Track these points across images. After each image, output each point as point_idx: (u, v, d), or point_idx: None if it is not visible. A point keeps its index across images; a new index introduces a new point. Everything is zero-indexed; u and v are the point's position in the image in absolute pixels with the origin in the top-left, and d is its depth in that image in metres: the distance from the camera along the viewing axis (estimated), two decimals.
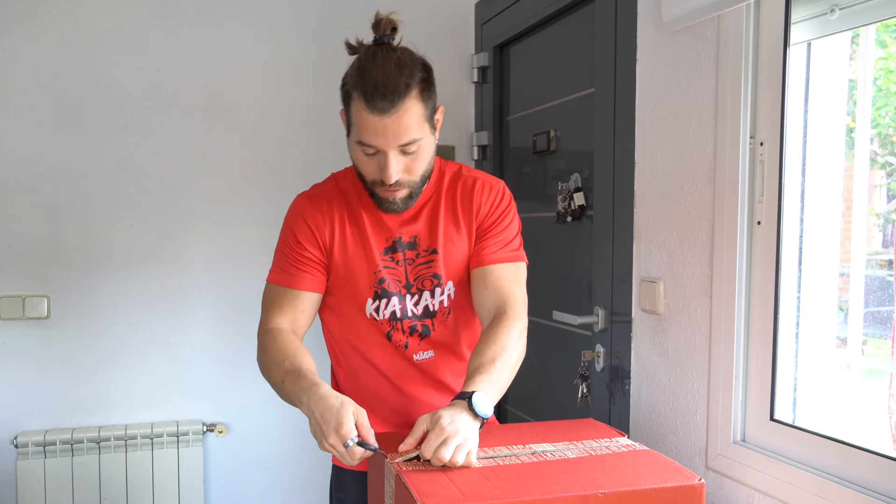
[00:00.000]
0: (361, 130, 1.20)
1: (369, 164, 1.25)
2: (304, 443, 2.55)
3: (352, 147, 1.26)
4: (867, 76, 1.34)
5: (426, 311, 1.37)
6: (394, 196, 1.28)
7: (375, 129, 1.19)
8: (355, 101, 1.20)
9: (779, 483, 1.29)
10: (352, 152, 1.27)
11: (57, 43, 2.25)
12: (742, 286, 1.40)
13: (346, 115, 1.26)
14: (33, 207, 2.26)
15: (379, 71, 1.18)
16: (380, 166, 1.23)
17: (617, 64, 1.76)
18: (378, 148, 1.21)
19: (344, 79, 1.24)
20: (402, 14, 2.73)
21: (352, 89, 1.20)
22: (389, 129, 1.19)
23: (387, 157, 1.22)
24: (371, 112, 1.18)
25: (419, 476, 1.00)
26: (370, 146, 1.21)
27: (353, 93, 1.20)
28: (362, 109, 1.18)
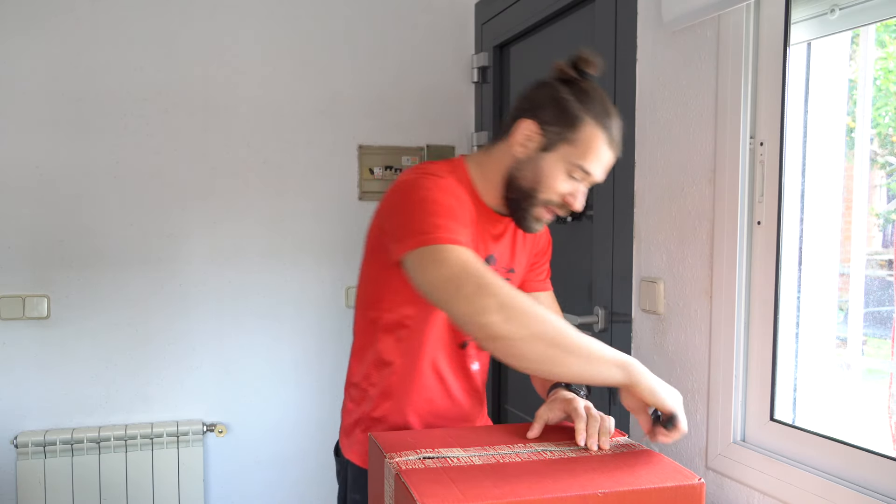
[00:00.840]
0: (589, 157, 1.24)
1: (563, 185, 1.27)
2: (304, 443, 2.55)
3: (554, 164, 1.25)
4: (867, 76, 1.34)
5: None
6: (550, 218, 1.33)
7: (604, 165, 1.26)
8: (595, 130, 1.23)
9: (779, 483, 1.29)
10: (549, 168, 1.25)
11: (57, 43, 2.25)
12: (742, 286, 1.40)
13: (553, 132, 1.24)
14: (33, 207, 2.26)
15: (616, 113, 1.27)
16: (574, 192, 1.28)
17: (617, 64, 1.76)
18: (592, 177, 1.27)
19: (564, 100, 1.24)
20: (402, 14, 2.75)
21: (589, 116, 1.23)
22: (608, 166, 1.28)
23: (584, 186, 1.29)
24: (610, 149, 1.25)
25: (419, 475, 1.00)
26: (587, 173, 1.25)
27: (593, 122, 1.23)
28: (603, 143, 1.24)
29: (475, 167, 1.33)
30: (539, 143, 1.26)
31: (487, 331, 1.05)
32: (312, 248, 2.53)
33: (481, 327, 1.05)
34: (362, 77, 2.54)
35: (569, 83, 1.26)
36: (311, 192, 2.52)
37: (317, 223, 2.53)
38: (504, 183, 1.30)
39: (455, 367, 1.37)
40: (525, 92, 1.31)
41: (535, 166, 1.26)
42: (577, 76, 1.27)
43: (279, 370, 2.52)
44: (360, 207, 2.56)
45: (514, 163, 1.28)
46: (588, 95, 1.25)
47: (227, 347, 2.46)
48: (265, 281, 2.48)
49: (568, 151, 1.24)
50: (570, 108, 1.23)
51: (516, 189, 1.29)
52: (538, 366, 1.07)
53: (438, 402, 1.37)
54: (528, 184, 1.27)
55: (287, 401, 2.54)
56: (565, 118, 1.24)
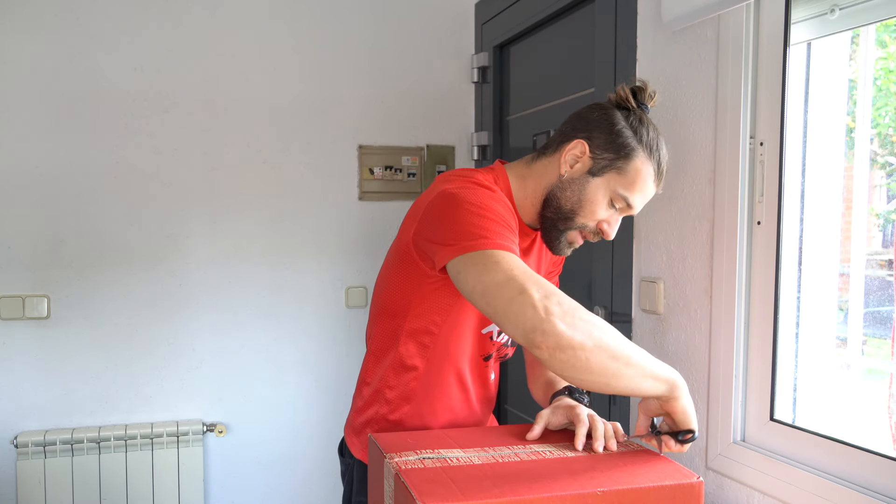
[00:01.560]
0: (635, 189, 1.23)
1: (601, 212, 1.25)
2: (304, 443, 2.55)
3: (599, 189, 1.24)
4: (867, 76, 1.34)
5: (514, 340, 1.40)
6: (581, 243, 1.32)
7: (646, 196, 1.25)
8: (644, 163, 1.23)
9: (779, 483, 1.29)
10: (593, 192, 1.24)
11: (57, 43, 2.25)
12: (742, 286, 1.40)
13: (605, 158, 1.23)
14: (33, 207, 2.26)
15: (666, 151, 1.27)
16: (610, 221, 1.27)
17: (617, 64, 1.76)
18: (631, 209, 1.26)
19: (622, 129, 1.23)
20: (402, 14, 2.75)
21: (643, 150, 1.22)
22: (649, 199, 1.27)
23: (620, 216, 1.28)
24: (655, 184, 1.25)
25: (418, 475, 1.00)
26: (629, 205, 1.25)
27: (644, 154, 1.22)
28: (650, 176, 1.23)
29: (516, 179, 1.31)
30: (588, 165, 1.24)
31: (554, 339, 1.00)
32: (312, 248, 2.53)
33: (546, 334, 1.00)
34: (362, 77, 2.54)
35: (625, 111, 1.25)
36: (311, 192, 2.52)
37: (317, 223, 2.53)
38: (543, 200, 1.28)
39: (476, 376, 1.37)
40: (580, 112, 1.29)
41: (580, 188, 1.24)
42: (634, 105, 1.26)
43: (279, 370, 2.52)
44: (360, 207, 2.56)
45: (558, 181, 1.26)
46: (643, 126, 1.24)
47: (227, 347, 2.46)
48: (265, 281, 2.48)
49: (615, 179, 1.23)
50: (624, 137, 1.22)
51: (555, 208, 1.27)
52: (597, 378, 1.03)
53: (459, 409, 1.37)
54: (569, 205, 1.25)
55: (287, 401, 2.54)
56: (618, 146, 1.22)
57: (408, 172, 2.61)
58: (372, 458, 1.16)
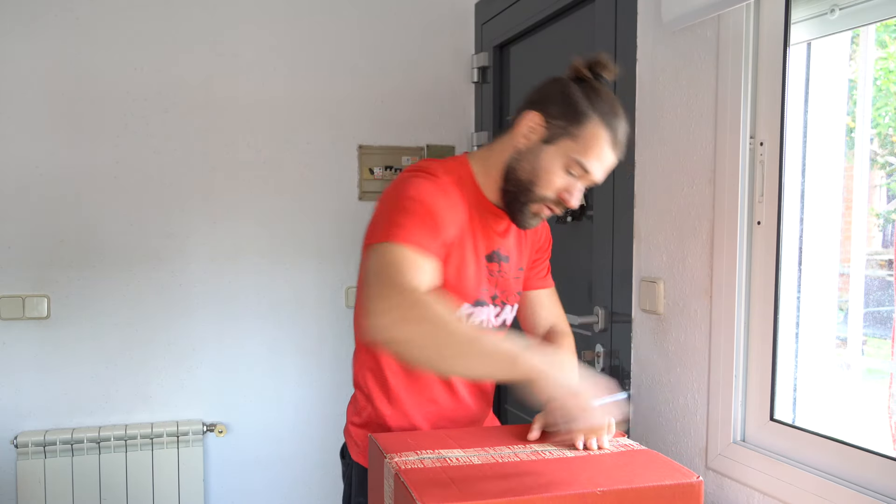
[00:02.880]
0: (590, 154, 1.23)
1: (560, 180, 1.26)
2: (304, 442, 2.55)
3: (554, 157, 1.25)
4: (867, 76, 1.34)
5: (502, 324, 1.41)
6: (547, 214, 1.31)
7: (603, 163, 1.25)
8: (598, 127, 1.23)
9: (779, 483, 1.29)
10: (548, 160, 1.25)
11: (57, 43, 2.25)
12: (742, 286, 1.40)
13: (557, 126, 1.25)
14: (33, 207, 2.26)
15: (623, 116, 1.27)
16: (570, 189, 1.27)
17: (617, 64, 1.76)
18: (590, 175, 1.25)
19: (574, 96, 1.24)
20: (402, 14, 2.75)
21: (595, 114, 1.23)
22: (609, 167, 1.27)
23: (581, 184, 1.27)
24: (612, 149, 1.24)
25: (418, 475, 1.00)
26: (586, 170, 1.24)
27: (594, 117, 1.23)
28: (605, 141, 1.23)
29: (478, 163, 1.33)
30: (542, 134, 1.25)
31: (377, 335, 1.07)
32: (312, 248, 2.53)
33: (372, 331, 1.06)
34: (362, 77, 2.54)
35: (581, 82, 1.26)
36: (312, 192, 2.52)
37: (317, 223, 2.53)
38: (503, 174, 1.29)
39: None
40: (537, 85, 1.32)
41: (535, 157, 1.26)
42: (590, 76, 1.27)
43: (279, 370, 2.52)
44: (360, 207, 2.56)
45: (515, 153, 1.28)
46: (598, 95, 1.25)
47: (227, 347, 2.46)
48: (265, 281, 2.48)
49: (569, 146, 1.23)
50: (577, 104, 1.23)
51: (514, 181, 1.28)
52: (432, 366, 1.11)
53: (444, 403, 1.37)
54: (525, 175, 1.27)
55: (287, 401, 2.54)
56: (571, 113, 1.23)
57: None
58: (372, 458, 1.16)
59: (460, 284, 1.29)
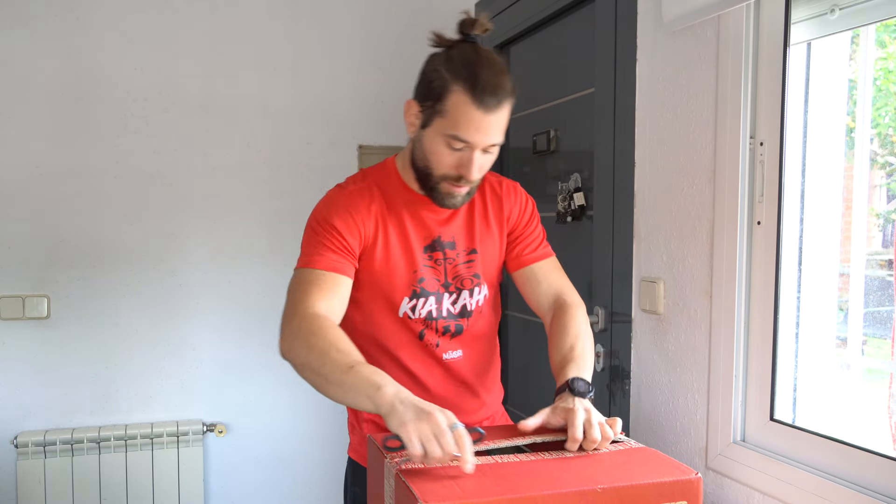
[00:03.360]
0: (459, 124, 1.21)
1: (449, 158, 1.25)
2: (304, 442, 2.55)
3: (433, 139, 1.26)
4: (867, 76, 1.34)
5: (463, 310, 1.39)
6: (459, 191, 1.30)
7: (477, 126, 1.21)
8: (457, 95, 1.20)
9: (779, 483, 1.29)
10: (430, 144, 1.27)
11: (57, 43, 2.25)
12: (742, 286, 1.40)
13: (427, 107, 1.25)
14: (33, 207, 2.26)
15: (488, 69, 1.21)
16: (461, 162, 1.25)
17: (617, 64, 1.76)
18: (471, 144, 1.22)
19: (435, 71, 1.24)
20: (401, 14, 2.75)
21: (454, 82, 1.20)
22: (490, 126, 1.21)
23: (472, 154, 1.24)
24: (477, 108, 1.19)
25: (419, 474, 1.00)
26: (463, 141, 1.22)
27: (454, 86, 1.20)
28: (467, 104, 1.19)
29: (401, 159, 1.39)
30: (420, 119, 1.28)
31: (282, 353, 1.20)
32: None
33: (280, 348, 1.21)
34: (362, 77, 2.54)
35: (444, 52, 1.26)
36: (311, 192, 2.51)
37: None
38: (412, 167, 1.34)
39: (423, 358, 1.36)
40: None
41: (421, 144, 1.29)
42: (448, 40, 1.27)
43: (279, 370, 2.52)
44: None
45: (411, 145, 1.33)
46: (452, 59, 1.23)
47: (227, 347, 2.46)
48: (265, 281, 2.48)
49: (441, 123, 1.23)
50: (434, 80, 1.23)
51: (417, 170, 1.32)
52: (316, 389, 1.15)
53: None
54: (421, 163, 1.30)
55: (287, 401, 2.54)
56: (433, 91, 1.23)
57: None
58: (371, 458, 1.16)
59: (391, 279, 1.32)
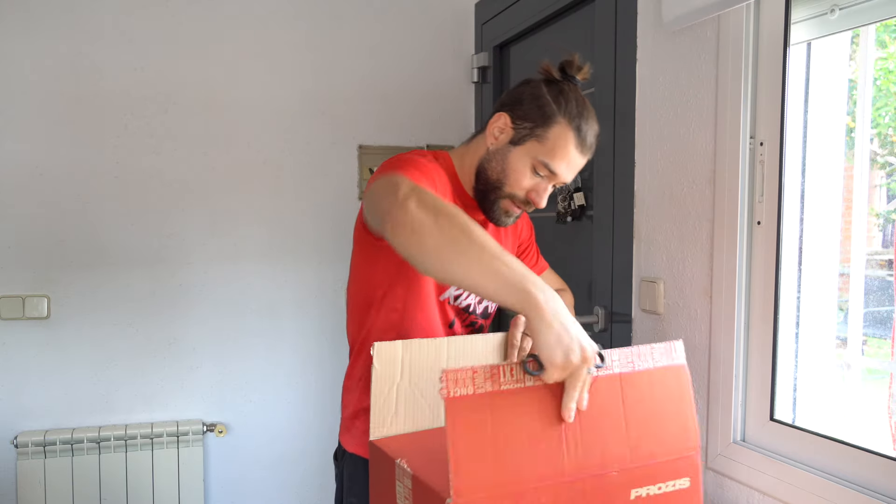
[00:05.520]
0: (556, 155, 1.26)
1: (527, 181, 1.30)
2: (305, 442, 2.55)
3: (520, 158, 1.29)
4: (867, 76, 1.34)
5: (485, 311, 1.45)
6: (516, 212, 1.36)
7: (569, 162, 1.28)
8: (564, 129, 1.26)
9: (779, 483, 1.29)
10: (515, 161, 1.29)
11: (57, 43, 2.25)
12: (742, 286, 1.40)
13: (525, 128, 1.28)
14: (33, 207, 2.26)
15: (593, 118, 1.29)
16: (537, 188, 1.30)
17: (617, 64, 1.76)
18: (557, 176, 1.28)
19: (544, 97, 1.27)
20: (402, 14, 2.75)
21: (563, 115, 1.26)
22: (577, 167, 1.30)
23: (549, 184, 1.30)
24: (576, 147, 1.27)
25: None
26: (552, 171, 1.28)
27: (562, 118, 1.26)
28: (571, 142, 1.26)
29: (457, 158, 1.39)
30: (510, 135, 1.30)
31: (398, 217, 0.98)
32: (312, 248, 2.53)
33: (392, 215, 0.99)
34: (362, 77, 2.54)
35: (551, 83, 1.29)
36: (312, 192, 2.52)
37: (317, 223, 2.53)
38: (475, 174, 1.34)
39: None
40: (509, 89, 1.36)
41: (503, 158, 1.30)
42: (560, 78, 1.30)
43: (279, 370, 2.52)
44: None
45: (486, 154, 1.33)
46: (566, 96, 1.27)
47: (227, 347, 2.46)
48: (265, 281, 2.48)
49: (535, 147, 1.27)
50: (544, 106, 1.27)
51: (484, 180, 1.33)
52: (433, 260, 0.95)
53: None
54: (494, 175, 1.31)
55: (287, 401, 2.54)
56: (538, 114, 1.27)
57: None
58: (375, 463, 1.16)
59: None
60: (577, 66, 1.30)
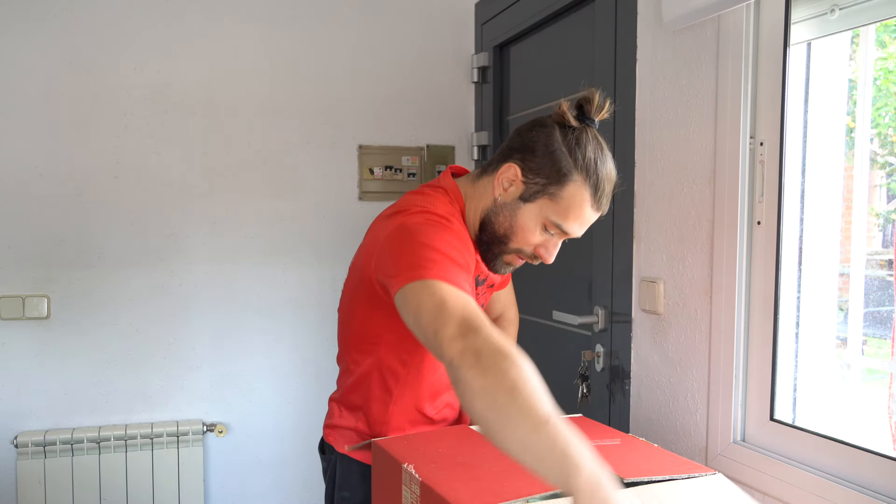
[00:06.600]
0: (570, 216, 1.18)
1: (536, 238, 1.22)
2: (304, 442, 2.55)
3: (531, 216, 1.20)
4: (867, 76, 1.34)
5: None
6: (519, 264, 1.29)
7: (583, 222, 1.20)
8: (580, 188, 1.16)
9: (779, 483, 1.29)
10: (524, 219, 1.20)
11: (57, 43, 2.25)
12: (742, 286, 1.40)
13: (537, 184, 1.18)
14: (33, 207, 2.26)
15: (611, 168, 1.19)
16: (545, 245, 1.23)
17: (617, 64, 1.76)
18: (568, 235, 1.21)
19: (559, 152, 1.17)
20: (402, 14, 2.75)
21: (578, 174, 1.16)
22: (589, 224, 1.21)
23: (559, 241, 1.23)
24: (593, 208, 1.19)
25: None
26: (564, 232, 1.20)
27: (580, 178, 1.16)
28: (586, 201, 1.17)
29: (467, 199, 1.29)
30: (520, 190, 1.20)
31: (455, 373, 0.93)
32: (312, 248, 2.53)
33: (453, 368, 0.94)
34: (362, 77, 2.54)
35: (566, 128, 1.19)
36: (311, 192, 2.52)
37: (317, 223, 2.53)
38: (480, 223, 1.26)
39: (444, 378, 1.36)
40: (521, 128, 1.25)
41: (512, 214, 1.22)
42: (576, 123, 1.19)
43: (279, 370, 2.52)
44: (360, 207, 2.56)
45: (493, 205, 1.24)
46: (582, 147, 1.17)
47: (227, 347, 2.46)
48: (265, 281, 2.48)
49: (547, 206, 1.19)
50: (559, 161, 1.17)
51: (490, 233, 1.24)
52: (482, 425, 0.91)
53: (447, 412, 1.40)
54: (501, 230, 1.23)
55: (287, 401, 2.53)
56: (551, 170, 1.17)
57: (408, 172, 2.61)
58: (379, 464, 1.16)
59: None
60: (597, 107, 1.19)
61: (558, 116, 1.20)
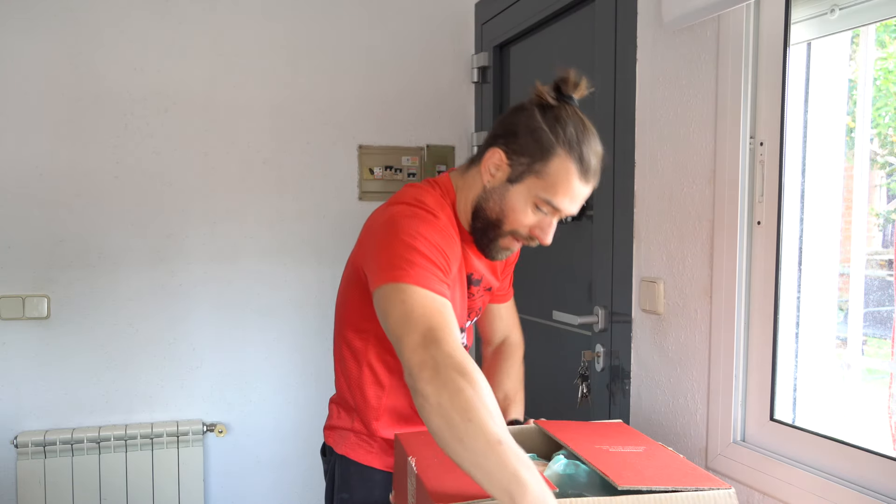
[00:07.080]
0: (558, 191, 1.18)
1: (529, 218, 1.22)
2: (304, 443, 2.55)
3: (520, 196, 1.20)
4: (867, 76, 1.34)
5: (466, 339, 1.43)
6: (516, 247, 1.29)
7: (574, 196, 1.19)
8: (564, 161, 1.16)
9: (779, 483, 1.29)
10: (514, 200, 1.21)
11: (57, 43, 2.25)
12: (742, 286, 1.40)
13: (522, 164, 1.19)
14: (33, 207, 2.26)
15: (594, 141, 1.19)
16: (540, 225, 1.23)
17: (617, 64, 1.76)
18: (562, 211, 1.20)
19: (539, 130, 1.17)
20: (402, 14, 2.75)
21: (561, 147, 1.16)
22: (583, 198, 1.21)
23: (553, 219, 1.23)
24: (581, 180, 1.18)
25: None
26: (556, 208, 1.19)
27: (563, 152, 1.16)
28: (573, 174, 1.17)
29: (458, 191, 1.30)
30: (506, 173, 1.21)
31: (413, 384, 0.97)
32: (312, 248, 2.53)
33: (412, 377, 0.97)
34: (362, 77, 2.54)
35: (546, 108, 1.19)
36: (311, 192, 2.52)
37: (317, 223, 2.53)
38: (472, 212, 1.27)
39: None
40: (503, 115, 1.26)
41: (501, 197, 1.22)
42: (555, 101, 1.20)
43: (279, 370, 2.52)
44: (360, 207, 2.56)
45: (482, 192, 1.24)
46: (563, 122, 1.17)
47: (227, 347, 2.46)
48: (265, 281, 2.48)
49: (535, 184, 1.19)
50: (541, 138, 1.17)
51: (483, 219, 1.25)
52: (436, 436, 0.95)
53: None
54: (493, 215, 1.24)
55: (287, 401, 2.54)
56: (535, 149, 1.17)
57: (408, 172, 2.61)
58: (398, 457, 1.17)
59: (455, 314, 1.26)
60: (572, 84, 1.19)
61: (537, 98, 1.21)
